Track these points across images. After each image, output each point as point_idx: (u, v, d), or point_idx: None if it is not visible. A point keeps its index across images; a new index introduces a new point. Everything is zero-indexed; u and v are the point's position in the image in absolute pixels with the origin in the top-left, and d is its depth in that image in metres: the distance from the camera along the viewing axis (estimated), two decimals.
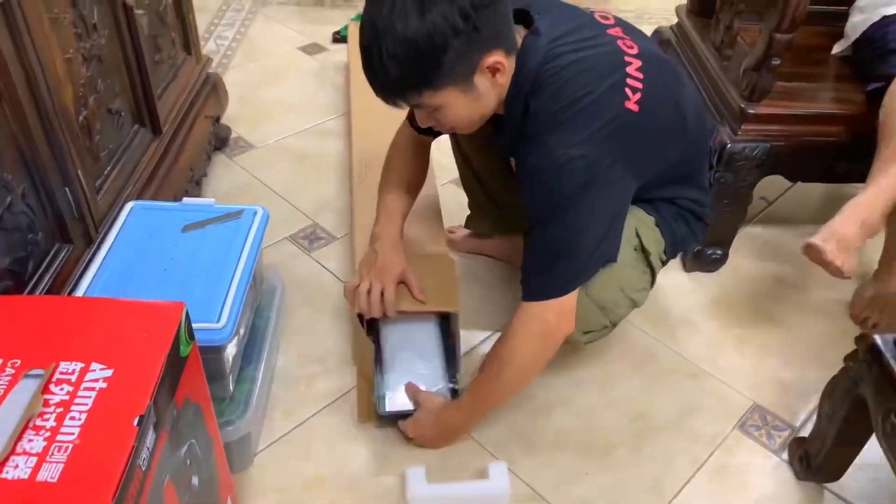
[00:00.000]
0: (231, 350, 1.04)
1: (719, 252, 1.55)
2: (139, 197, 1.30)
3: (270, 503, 1.11)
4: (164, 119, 1.45)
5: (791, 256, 1.64)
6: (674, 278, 1.56)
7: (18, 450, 0.64)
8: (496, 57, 0.96)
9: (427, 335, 1.28)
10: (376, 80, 0.96)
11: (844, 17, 1.58)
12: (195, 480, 0.85)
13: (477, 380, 1.14)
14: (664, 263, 1.21)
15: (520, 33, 1.02)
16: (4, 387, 0.68)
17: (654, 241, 1.15)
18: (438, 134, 1.25)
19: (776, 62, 1.32)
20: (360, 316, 1.20)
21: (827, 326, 1.47)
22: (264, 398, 1.21)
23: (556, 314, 1.05)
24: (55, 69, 1.05)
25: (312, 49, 2.35)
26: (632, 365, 1.37)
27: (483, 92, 0.99)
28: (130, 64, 1.33)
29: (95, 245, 1.15)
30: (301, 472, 1.16)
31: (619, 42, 1.04)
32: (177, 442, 0.78)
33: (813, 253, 1.23)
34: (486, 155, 1.36)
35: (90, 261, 1.09)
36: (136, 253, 1.09)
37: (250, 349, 1.17)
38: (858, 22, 1.49)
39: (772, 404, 1.32)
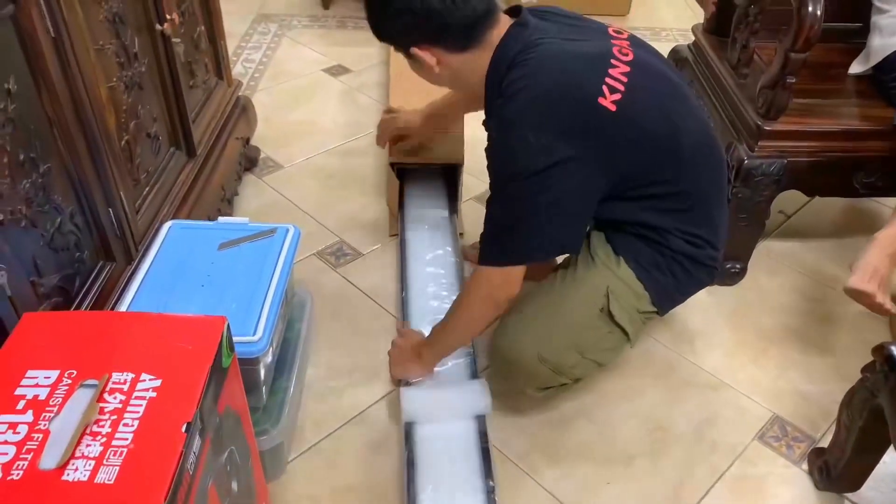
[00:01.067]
0: (265, 361, 1.09)
1: (738, 266, 1.58)
2: (175, 216, 1.36)
3: None
4: (198, 141, 1.51)
5: (810, 270, 1.66)
6: None
7: (77, 454, 0.68)
8: (424, 53, 1.10)
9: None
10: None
11: (860, 33, 1.62)
12: (234, 486, 0.89)
13: (436, 327, 1.27)
14: (658, 314, 1.20)
15: (508, 23, 1.11)
16: (62, 395, 0.74)
17: (632, 296, 1.15)
18: None
19: (791, 80, 1.35)
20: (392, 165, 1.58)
21: (848, 339, 1.49)
22: (296, 409, 1.25)
23: (500, 280, 1.12)
24: (100, 96, 1.11)
25: (337, 71, 2.42)
26: (651, 377, 1.40)
27: (427, 66, 1.13)
28: (167, 90, 1.39)
29: (136, 262, 1.20)
30: (331, 482, 1.20)
31: (615, 48, 1.08)
32: (219, 448, 0.82)
33: (863, 297, 1.28)
34: None
35: (132, 276, 1.14)
36: (175, 270, 1.14)
37: (282, 361, 1.21)
38: (878, 46, 1.52)
39: (792, 416, 1.34)
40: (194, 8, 1.54)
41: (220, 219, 1.27)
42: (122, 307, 1.07)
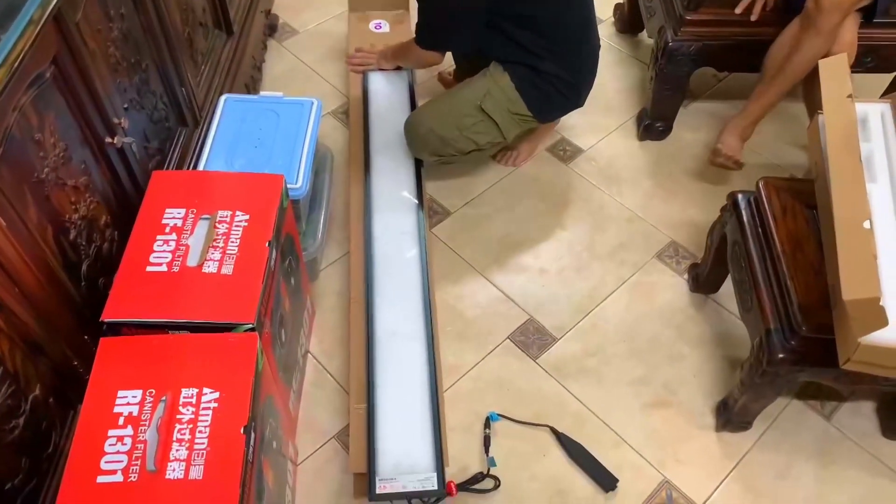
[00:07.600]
0: (304, 201, 1.55)
1: (664, 125, 1.99)
2: (223, 85, 1.76)
3: (331, 300, 1.67)
4: (233, 21, 1.87)
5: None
6: (628, 145, 2.02)
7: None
8: None
9: None
10: None
11: None
12: (293, 281, 1.39)
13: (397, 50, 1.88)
14: (538, 119, 1.72)
15: None
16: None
17: (505, 99, 1.65)
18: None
19: None
20: None
21: (739, 183, 1.93)
22: (325, 235, 1.73)
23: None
24: (170, 1, 1.48)
25: None
26: (585, 212, 1.86)
27: None
28: None
29: (202, 125, 1.63)
30: (345, 265, 1.70)
31: None
32: (284, 257, 1.31)
33: (716, 159, 1.82)
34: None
35: (203, 141, 1.57)
36: (234, 134, 1.56)
37: (314, 200, 1.68)
38: None
39: (685, 241, 1.82)
40: None
41: (262, 93, 1.68)
42: (202, 163, 1.51)
